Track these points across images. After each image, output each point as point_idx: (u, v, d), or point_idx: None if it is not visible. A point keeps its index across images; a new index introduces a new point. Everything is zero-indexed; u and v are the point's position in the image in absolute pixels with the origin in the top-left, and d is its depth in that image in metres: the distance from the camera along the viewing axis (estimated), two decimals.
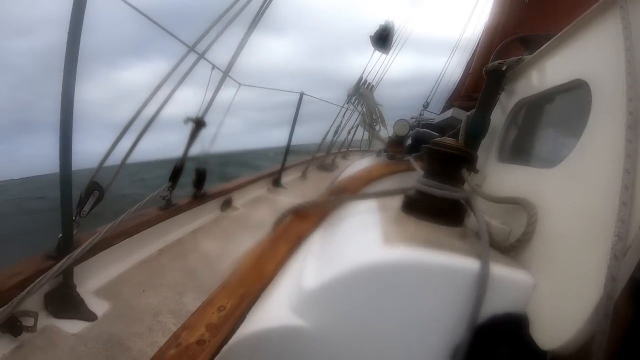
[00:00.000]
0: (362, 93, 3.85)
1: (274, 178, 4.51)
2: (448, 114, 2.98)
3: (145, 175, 12.05)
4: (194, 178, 2.91)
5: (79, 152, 1.45)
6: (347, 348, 0.70)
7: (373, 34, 4.63)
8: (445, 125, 3.04)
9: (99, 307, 1.66)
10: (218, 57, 2.60)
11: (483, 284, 0.63)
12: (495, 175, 1.22)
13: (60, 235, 1.58)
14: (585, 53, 0.86)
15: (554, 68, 1.04)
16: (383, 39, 4.67)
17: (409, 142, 2.77)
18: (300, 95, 4.69)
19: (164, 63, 2.08)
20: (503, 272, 0.68)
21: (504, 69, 1.28)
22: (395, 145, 2.77)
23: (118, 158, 1.90)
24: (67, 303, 1.59)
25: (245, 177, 4.04)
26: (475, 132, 1.37)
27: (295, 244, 1.07)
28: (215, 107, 2.57)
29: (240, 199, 3.66)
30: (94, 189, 1.73)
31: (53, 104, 1.38)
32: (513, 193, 0.93)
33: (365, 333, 0.69)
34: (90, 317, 1.59)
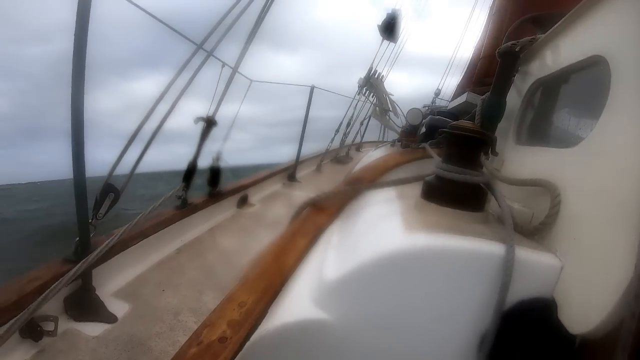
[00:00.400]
0: (372, 83, 3.79)
1: (289, 173, 4.51)
2: (462, 100, 2.89)
3: (145, 192, 10.14)
4: (209, 176, 2.89)
5: (90, 160, 1.46)
6: (371, 339, 0.68)
7: (380, 23, 4.54)
8: (459, 112, 2.96)
9: (119, 308, 1.67)
10: (227, 57, 2.62)
11: (509, 269, 0.62)
12: (514, 158, 1.19)
13: (77, 239, 1.58)
14: (602, 27, 0.81)
15: (570, 45, 0.99)
16: (390, 28, 4.58)
17: (423, 130, 2.72)
18: (312, 89, 4.68)
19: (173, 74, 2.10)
20: (529, 255, 0.66)
21: (517, 50, 1.24)
22: (409, 135, 2.75)
23: (128, 167, 1.90)
24: (86, 306, 1.60)
25: (260, 172, 4.04)
26: (491, 115, 1.34)
27: (315, 236, 1.05)
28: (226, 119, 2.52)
29: (256, 195, 3.67)
30: (109, 191, 1.73)
31: (66, 111, 1.39)
32: (533, 175, 0.90)
33: (390, 323, 0.67)
34: (111, 319, 1.60)
